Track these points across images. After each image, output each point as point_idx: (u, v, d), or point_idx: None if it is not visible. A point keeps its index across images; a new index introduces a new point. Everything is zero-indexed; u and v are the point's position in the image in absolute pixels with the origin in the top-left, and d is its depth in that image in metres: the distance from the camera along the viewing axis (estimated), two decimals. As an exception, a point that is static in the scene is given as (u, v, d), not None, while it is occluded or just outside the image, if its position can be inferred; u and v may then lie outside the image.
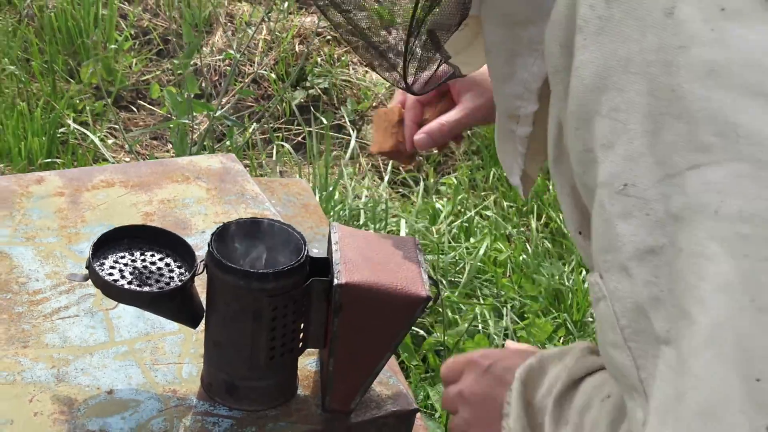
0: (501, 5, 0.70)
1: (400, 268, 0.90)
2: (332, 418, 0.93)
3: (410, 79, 0.73)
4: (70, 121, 2.32)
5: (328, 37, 3.02)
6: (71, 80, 2.57)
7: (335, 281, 0.86)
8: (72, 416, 0.90)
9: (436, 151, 1.77)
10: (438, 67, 0.77)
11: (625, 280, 0.54)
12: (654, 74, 0.52)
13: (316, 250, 1.15)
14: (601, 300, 0.57)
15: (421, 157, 2.41)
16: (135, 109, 2.63)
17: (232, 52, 2.59)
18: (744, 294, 0.48)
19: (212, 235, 0.88)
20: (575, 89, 0.57)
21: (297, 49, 2.90)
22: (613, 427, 0.65)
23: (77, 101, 2.47)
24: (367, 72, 2.95)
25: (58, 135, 2.26)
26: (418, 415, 1.04)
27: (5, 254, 1.11)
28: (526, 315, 1.94)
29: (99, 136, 2.33)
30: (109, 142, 2.42)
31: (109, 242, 0.91)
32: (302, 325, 0.92)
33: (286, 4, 3.15)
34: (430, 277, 0.92)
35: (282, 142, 2.48)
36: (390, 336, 0.89)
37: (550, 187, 2.33)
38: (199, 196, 1.28)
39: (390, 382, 0.98)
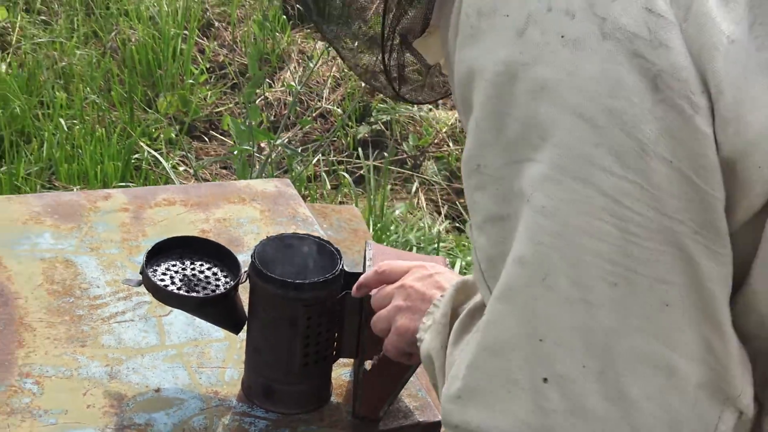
0: (450, 16, 0.77)
1: None
2: (361, 424, 0.98)
3: (397, 86, 0.83)
4: (144, 147, 2.45)
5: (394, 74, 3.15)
6: (148, 110, 2.72)
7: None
8: (121, 410, 0.97)
9: None
10: (427, 76, 0.86)
11: (482, 237, 0.66)
12: (501, 82, 0.62)
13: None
14: (472, 245, 0.70)
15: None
16: (207, 140, 2.76)
17: (293, 84, 2.70)
18: (537, 271, 0.60)
19: (256, 246, 0.95)
20: (455, 80, 0.67)
21: (363, 85, 3.01)
22: (469, 323, 0.77)
23: (153, 130, 2.61)
24: (430, 109, 3.03)
25: (133, 161, 2.39)
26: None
27: (71, 262, 1.20)
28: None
29: (171, 164, 2.47)
30: (180, 169, 2.55)
31: (163, 251, 0.99)
32: (336, 335, 0.97)
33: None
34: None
35: (344, 173, 2.57)
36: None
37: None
38: (252, 216, 1.36)
39: (419, 394, 1.02)
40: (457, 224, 2.51)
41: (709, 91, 0.59)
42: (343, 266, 0.95)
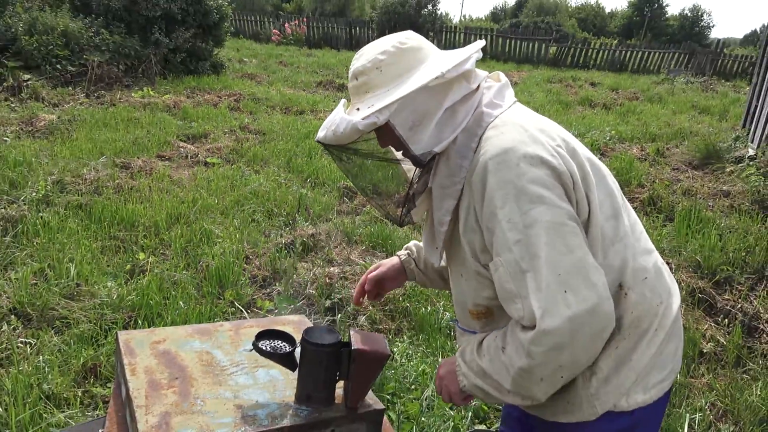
0: (440, 181, 1.84)
1: (378, 344, 2.19)
2: (349, 410, 2.17)
3: (401, 219, 1.99)
4: None
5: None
6: None
7: (353, 347, 2.16)
8: (242, 410, 2.14)
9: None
10: (408, 213, 1.98)
11: (510, 254, 1.66)
12: (513, 185, 1.71)
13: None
14: (499, 267, 1.70)
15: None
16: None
17: None
18: (549, 243, 1.65)
19: (303, 331, 2.20)
20: (489, 191, 1.70)
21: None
22: (504, 339, 1.78)
23: None
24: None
25: None
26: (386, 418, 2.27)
27: None
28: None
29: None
30: None
31: (261, 336, 2.23)
32: (338, 370, 2.19)
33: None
34: (390, 350, 2.21)
35: None
36: (374, 373, 2.16)
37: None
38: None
39: (373, 397, 2.23)
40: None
41: (573, 180, 1.70)
42: (341, 338, 2.20)
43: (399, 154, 1.99)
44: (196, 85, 13.83)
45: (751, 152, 9.88)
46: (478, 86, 1.90)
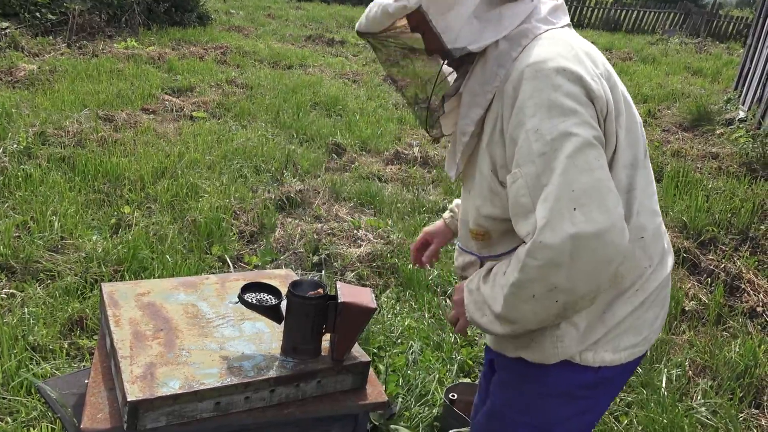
0: (472, 87, 1.73)
1: (365, 297, 2.19)
2: (335, 362, 2.18)
3: (427, 123, 1.88)
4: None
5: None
6: None
7: (339, 300, 2.16)
8: (227, 361, 2.15)
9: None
10: (437, 123, 1.88)
11: (532, 166, 1.57)
12: (548, 97, 1.60)
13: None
14: (518, 179, 1.59)
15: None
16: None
17: None
18: (573, 159, 1.56)
19: (289, 284, 2.19)
20: (521, 99, 1.62)
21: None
22: (508, 263, 1.69)
23: None
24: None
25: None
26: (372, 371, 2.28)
27: None
28: None
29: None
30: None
31: (247, 289, 2.22)
32: (324, 323, 2.19)
33: None
34: (378, 304, 2.21)
35: None
36: (360, 326, 2.17)
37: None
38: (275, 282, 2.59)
39: (359, 350, 2.24)
40: None
41: (608, 109, 1.64)
42: (327, 291, 2.19)
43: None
44: (181, 36, 13.62)
45: (742, 114, 9.88)
46: None
